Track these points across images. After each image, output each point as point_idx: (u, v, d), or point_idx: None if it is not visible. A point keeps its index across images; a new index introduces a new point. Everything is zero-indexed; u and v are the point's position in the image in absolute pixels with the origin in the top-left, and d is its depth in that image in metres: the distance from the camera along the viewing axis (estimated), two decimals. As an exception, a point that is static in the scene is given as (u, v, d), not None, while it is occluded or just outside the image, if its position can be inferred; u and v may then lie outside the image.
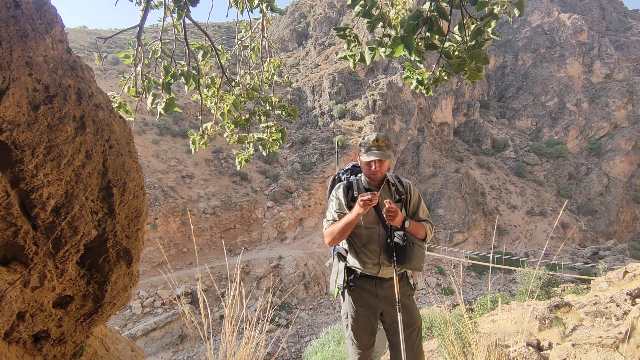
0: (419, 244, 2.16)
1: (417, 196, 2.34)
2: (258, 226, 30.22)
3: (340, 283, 2.28)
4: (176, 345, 19.61)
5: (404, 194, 2.30)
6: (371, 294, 2.27)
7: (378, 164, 2.18)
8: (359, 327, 2.28)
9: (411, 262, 2.12)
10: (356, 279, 2.29)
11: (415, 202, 2.33)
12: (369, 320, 2.29)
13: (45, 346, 1.35)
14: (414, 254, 2.12)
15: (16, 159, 1.00)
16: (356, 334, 2.28)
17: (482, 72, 1.43)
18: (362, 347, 2.29)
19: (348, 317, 2.31)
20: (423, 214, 2.32)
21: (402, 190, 2.31)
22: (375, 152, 2.14)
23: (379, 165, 2.18)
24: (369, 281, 2.27)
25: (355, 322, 2.28)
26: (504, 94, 61.24)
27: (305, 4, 70.69)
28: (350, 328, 2.30)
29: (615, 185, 44.19)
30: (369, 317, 2.29)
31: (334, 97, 44.38)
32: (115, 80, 37.36)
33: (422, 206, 2.34)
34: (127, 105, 2.30)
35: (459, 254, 32.55)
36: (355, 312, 2.28)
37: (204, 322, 2.06)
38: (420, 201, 2.35)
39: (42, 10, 1.08)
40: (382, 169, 2.20)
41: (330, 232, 2.18)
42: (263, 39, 2.58)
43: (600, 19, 71.85)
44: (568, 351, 3.12)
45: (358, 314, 2.28)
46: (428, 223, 2.27)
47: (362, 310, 2.27)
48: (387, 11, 1.66)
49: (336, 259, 2.40)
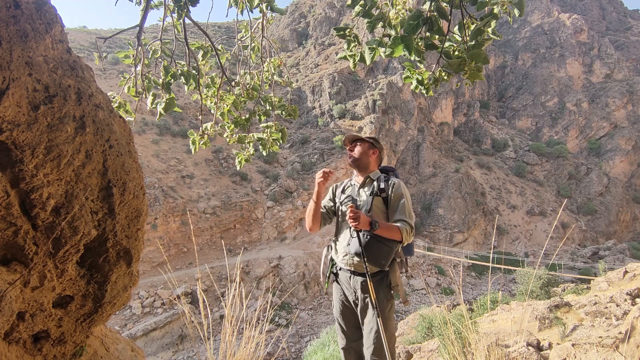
0: (380, 239, 2.12)
1: (399, 195, 2.26)
2: (258, 226, 30.21)
3: (325, 273, 2.46)
4: (176, 345, 19.61)
5: (384, 191, 2.29)
6: (346, 285, 2.37)
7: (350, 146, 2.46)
8: (343, 319, 2.42)
9: (369, 256, 2.13)
10: (337, 272, 2.42)
11: (395, 201, 2.26)
12: (352, 312, 2.38)
13: (45, 346, 1.35)
14: (373, 248, 2.13)
15: (16, 159, 1.00)
16: (341, 326, 2.43)
17: (482, 72, 1.43)
18: (347, 339, 2.41)
19: (334, 308, 2.47)
20: (401, 214, 2.21)
21: (384, 186, 2.30)
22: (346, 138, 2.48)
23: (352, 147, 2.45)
24: (345, 274, 2.37)
25: (339, 315, 2.42)
26: (504, 94, 61.24)
27: (305, 4, 70.68)
28: (336, 320, 2.46)
29: (615, 185, 44.18)
30: (350, 309, 2.38)
31: (334, 97, 44.38)
32: (115, 80, 37.36)
33: (403, 206, 2.24)
34: (127, 105, 2.30)
35: (459, 254, 32.54)
36: (338, 305, 2.42)
37: (204, 322, 2.06)
38: (401, 201, 2.25)
39: (42, 10, 1.08)
40: (354, 153, 2.43)
41: (306, 220, 2.43)
42: (263, 39, 2.58)
43: (600, 19, 71.85)
44: (568, 351, 3.12)
45: (341, 306, 2.41)
46: (405, 224, 2.16)
47: (343, 303, 2.40)
48: (387, 11, 1.66)
49: (326, 250, 2.54)
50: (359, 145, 2.43)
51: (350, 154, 2.44)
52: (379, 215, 2.28)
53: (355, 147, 2.44)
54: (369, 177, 2.40)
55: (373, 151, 2.44)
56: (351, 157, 2.44)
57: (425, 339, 5.61)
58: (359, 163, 2.41)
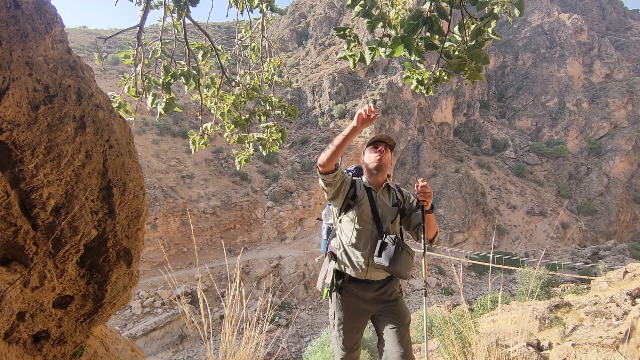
0: (408, 251, 2.13)
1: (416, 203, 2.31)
2: (258, 226, 30.20)
3: (328, 282, 2.28)
4: (176, 345, 19.60)
5: (402, 202, 2.31)
6: (360, 298, 2.26)
7: (383, 147, 2.25)
8: (346, 331, 2.28)
9: (396, 267, 2.08)
10: (345, 283, 2.27)
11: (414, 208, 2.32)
12: (358, 324, 2.31)
13: (45, 346, 1.35)
14: (401, 259, 2.08)
15: (16, 159, 1.00)
16: (342, 336, 2.29)
17: (482, 72, 1.43)
18: (347, 350, 2.31)
19: (335, 319, 2.30)
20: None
21: (401, 198, 2.32)
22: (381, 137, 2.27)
23: (383, 148, 2.25)
24: (357, 285, 2.25)
25: (342, 325, 2.28)
26: (504, 94, 61.21)
27: (305, 4, 70.66)
28: (336, 329, 2.30)
29: (615, 185, 44.16)
30: (357, 321, 2.30)
31: (334, 97, 44.37)
32: (115, 80, 37.35)
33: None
34: (127, 105, 2.30)
35: (459, 254, 32.53)
36: (344, 316, 2.27)
37: (204, 322, 2.06)
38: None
39: (42, 10, 1.08)
40: (385, 157, 2.24)
41: (325, 152, 2.04)
42: (263, 39, 2.58)
43: (600, 19, 71.82)
44: (568, 351, 3.12)
45: (346, 319, 2.27)
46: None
47: (350, 315, 2.27)
48: (387, 11, 1.66)
49: (327, 258, 2.38)
50: (387, 151, 2.27)
51: (382, 156, 2.23)
52: (398, 227, 2.28)
53: (387, 152, 2.26)
54: (388, 184, 2.35)
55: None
56: (381, 160, 2.23)
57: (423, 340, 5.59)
58: (384, 170, 2.28)
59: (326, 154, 2.03)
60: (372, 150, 2.29)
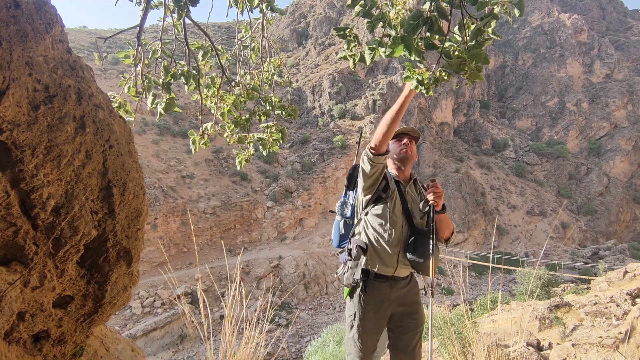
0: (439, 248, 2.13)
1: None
2: (258, 226, 30.21)
3: (357, 278, 2.15)
4: (176, 345, 19.60)
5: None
6: (384, 296, 2.17)
7: (408, 140, 2.21)
8: (366, 331, 2.16)
9: (429, 264, 2.03)
10: (370, 280, 2.16)
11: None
12: (378, 324, 2.20)
13: (45, 346, 1.35)
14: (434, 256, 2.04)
15: (16, 159, 1.00)
16: (362, 338, 2.17)
17: (482, 72, 1.43)
18: (366, 351, 2.18)
19: (355, 319, 2.17)
20: None
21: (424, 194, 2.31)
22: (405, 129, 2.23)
23: (408, 141, 2.21)
24: (383, 282, 2.16)
25: (363, 326, 2.16)
26: (504, 94, 61.22)
27: (305, 4, 70.66)
28: (356, 330, 2.17)
29: (615, 185, 44.17)
30: (378, 321, 2.19)
31: (334, 97, 44.37)
32: (115, 80, 37.34)
33: None
34: (127, 105, 2.30)
35: (459, 254, 32.52)
36: (365, 316, 2.15)
37: (204, 322, 2.06)
38: None
39: (42, 10, 1.08)
40: (411, 148, 2.22)
41: (378, 130, 1.91)
42: (263, 39, 2.58)
43: (600, 19, 71.83)
44: (568, 351, 3.12)
45: (368, 319, 2.15)
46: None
47: (372, 315, 2.16)
48: (387, 11, 1.66)
49: (347, 254, 2.23)
50: (412, 143, 2.24)
51: (408, 149, 2.20)
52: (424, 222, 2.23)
53: (412, 144, 2.23)
54: (415, 179, 2.33)
55: None
56: (407, 152, 2.20)
57: (425, 339, 5.59)
58: (410, 162, 2.24)
59: (382, 130, 1.91)
60: (396, 143, 2.24)
